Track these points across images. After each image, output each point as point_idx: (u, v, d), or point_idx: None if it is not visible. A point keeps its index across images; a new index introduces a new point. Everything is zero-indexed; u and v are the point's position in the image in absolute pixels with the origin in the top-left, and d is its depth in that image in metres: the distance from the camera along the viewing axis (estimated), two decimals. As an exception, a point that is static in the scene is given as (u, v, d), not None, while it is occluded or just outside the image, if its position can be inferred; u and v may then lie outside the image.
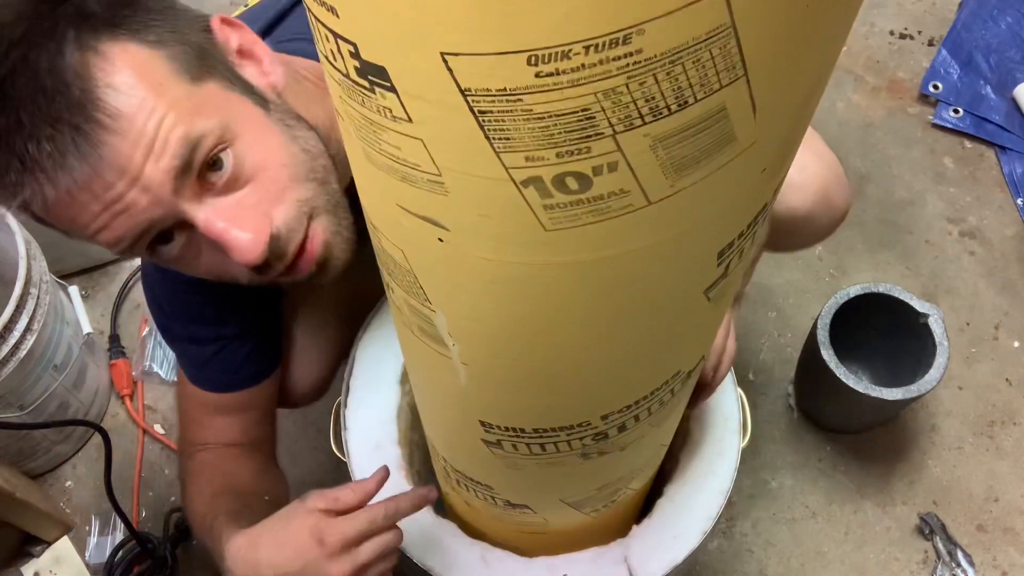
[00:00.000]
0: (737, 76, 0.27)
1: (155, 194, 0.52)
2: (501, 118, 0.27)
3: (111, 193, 0.51)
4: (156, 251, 0.58)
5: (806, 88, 0.32)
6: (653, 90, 0.26)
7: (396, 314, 0.49)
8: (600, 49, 0.25)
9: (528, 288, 0.36)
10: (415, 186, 0.33)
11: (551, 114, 0.27)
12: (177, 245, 0.58)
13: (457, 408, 0.53)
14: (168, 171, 0.52)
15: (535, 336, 0.40)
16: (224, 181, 0.56)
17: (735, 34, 0.26)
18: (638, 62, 0.25)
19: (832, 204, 0.85)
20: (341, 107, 0.33)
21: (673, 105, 0.27)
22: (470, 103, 0.27)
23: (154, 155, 0.51)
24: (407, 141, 0.30)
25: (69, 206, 0.52)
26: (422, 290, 0.40)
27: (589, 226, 0.32)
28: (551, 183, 0.30)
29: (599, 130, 0.28)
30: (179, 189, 0.53)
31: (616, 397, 0.48)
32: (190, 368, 0.80)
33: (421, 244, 0.37)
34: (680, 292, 0.40)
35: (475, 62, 0.26)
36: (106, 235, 0.54)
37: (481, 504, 0.71)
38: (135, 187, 0.52)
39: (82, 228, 0.53)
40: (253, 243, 0.56)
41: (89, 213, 0.52)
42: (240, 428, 0.83)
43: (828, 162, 0.85)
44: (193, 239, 0.58)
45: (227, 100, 0.56)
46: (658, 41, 0.25)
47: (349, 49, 0.29)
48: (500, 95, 0.27)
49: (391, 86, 0.28)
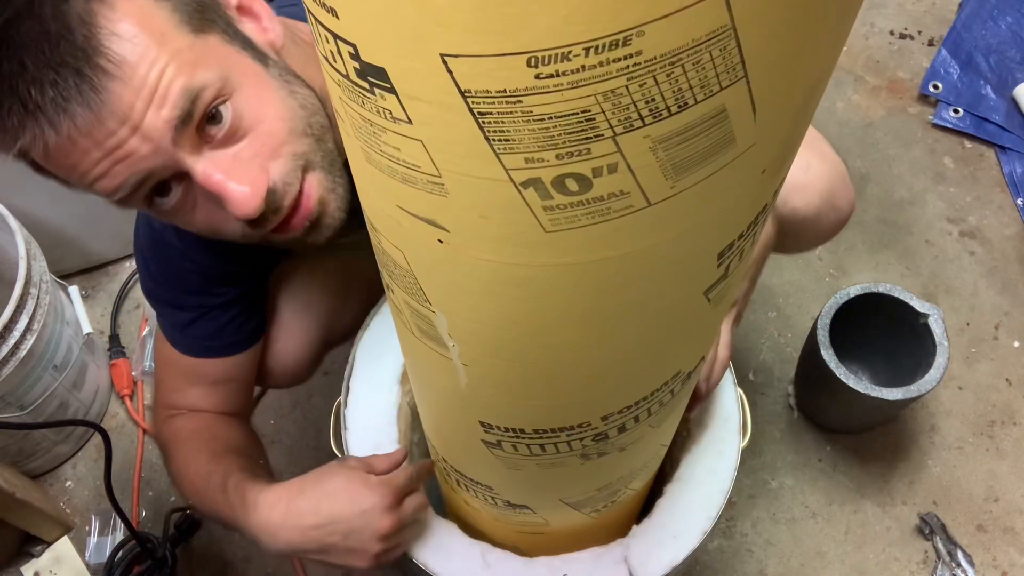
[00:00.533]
0: (737, 77, 0.27)
1: (155, 143, 0.53)
2: (501, 120, 0.27)
3: (112, 140, 0.52)
4: (153, 202, 0.59)
5: (806, 89, 0.32)
6: (653, 92, 0.26)
7: (396, 315, 0.49)
8: (600, 51, 0.25)
9: (528, 289, 0.36)
10: (415, 187, 0.33)
11: (551, 116, 0.27)
12: (174, 197, 0.59)
13: (457, 409, 0.53)
14: (169, 121, 0.52)
15: (535, 337, 0.40)
16: (223, 134, 0.56)
17: (735, 35, 0.26)
18: (638, 64, 0.25)
19: (837, 205, 0.85)
20: (341, 108, 0.33)
21: (673, 107, 0.27)
22: (470, 104, 0.27)
23: (155, 104, 0.52)
24: (407, 142, 0.30)
25: (70, 152, 0.52)
26: (422, 291, 0.41)
27: (589, 227, 0.32)
28: (551, 184, 0.30)
29: (599, 132, 0.27)
30: (178, 140, 0.54)
31: (616, 398, 0.48)
32: (170, 330, 0.81)
33: (421, 245, 0.37)
34: (680, 293, 0.40)
35: (475, 63, 0.26)
36: (105, 183, 0.54)
37: (481, 504, 0.71)
38: (136, 135, 0.52)
39: (81, 175, 0.54)
40: (250, 196, 0.57)
41: (89, 160, 0.52)
42: (216, 399, 0.83)
43: (833, 163, 0.85)
44: (189, 191, 0.59)
45: (227, 53, 0.56)
46: (658, 43, 0.25)
47: (349, 50, 0.29)
48: (500, 97, 0.27)
49: (391, 87, 0.28)
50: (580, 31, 0.24)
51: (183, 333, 0.79)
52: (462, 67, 0.26)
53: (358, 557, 0.69)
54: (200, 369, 0.81)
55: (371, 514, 0.67)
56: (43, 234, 1.19)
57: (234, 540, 1.18)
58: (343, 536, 0.67)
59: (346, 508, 0.67)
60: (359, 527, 0.67)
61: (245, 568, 1.16)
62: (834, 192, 0.83)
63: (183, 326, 0.79)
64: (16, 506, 1.05)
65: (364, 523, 0.67)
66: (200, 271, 0.76)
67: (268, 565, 1.16)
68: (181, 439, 0.80)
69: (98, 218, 1.32)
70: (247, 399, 0.88)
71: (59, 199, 1.25)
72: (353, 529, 0.67)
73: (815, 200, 0.81)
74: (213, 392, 0.83)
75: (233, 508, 0.71)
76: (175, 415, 0.82)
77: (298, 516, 0.68)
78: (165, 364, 0.83)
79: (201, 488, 0.75)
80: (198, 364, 0.81)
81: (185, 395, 0.82)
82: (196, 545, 1.17)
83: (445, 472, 0.72)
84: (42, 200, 1.23)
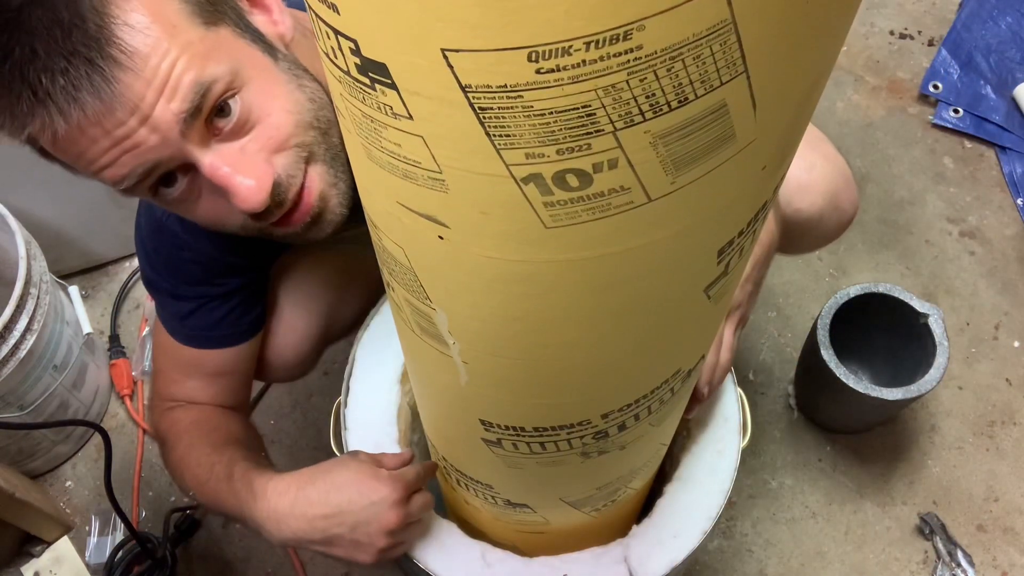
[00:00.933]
0: (737, 72, 0.27)
1: (163, 134, 0.53)
2: (502, 115, 0.27)
3: (121, 130, 0.52)
4: (158, 192, 0.59)
5: (806, 85, 0.32)
6: (653, 86, 0.26)
7: (396, 313, 0.49)
8: (601, 45, 0.25)
9: (529, 286, 0.36)
10: (415, 183, 0.33)
11: (552, 111, 0.27)
12: (179, 187, 0.59)
13: (457, 407, 0.53)
14: (178, 114, 0.53)
15: (535, 334, 0.40)
16: (230, 127, 0.56)
17: (735, 30, 0.26)
18: (639, 58, 0.25)
19: (840, 206, 0.85)
20: (341, 104, 0.33)
21: (673, 101, 0.27)
22: (471, 100, 0.27)
23: (165, 96, 0.52)
24: (407, 138, 0.30)
25: (78, 140, 0.52)
26: (423, 288, 0.41)
27: (590, 223, 0.32)
28: (551, 180, 0.30)
29: (600, 127, 0.27)
30: (186, 132, 0.54)
31: (617, 395, 0.48)
32: (169, 320, 0.80)
33: (422, 242, 0.37)
34: (681, 290, 0.40)
35: (476, 58, 0.26)
36: (112, 171, 0.54)
37: (481, 503, 0.71)
38: (145, 126, 0.52)
39: (88, 163, 0.54)
40: (256, 189, 0.57)
41: (98, 148, 0.53)
42: (214, 390, 0.83)
43: (836, 164, 0.85)
44: (194, 183, 0.59)
45: (237, 47, 0.57)
46: (659, 37, 0.25)
47: (350, 46, 0.29)
48: (501, 91, 0.26)
49: (392, 83, 0.28)
50: (581, 25, 0.24)
51: (182, 323, 0.79)
52: (463, 62, 0.26)
53: (362, 551, 0.68)
54: (198, 360, 0.81)
55: (380, 507, 0.67)
56: (43, 234, 1.19)
57: (234, 540, 1.18)
58: (350, 528, 0.67)
59: (355, 499, 0.67)
60: (366, 519, 0.67)
61: (245, 568, 1.16)
62: (837, 193, 0.83)
63: (182, 316, 0.79)
64: (16, 506, 1.05)
65: (372, 515, 0.67)
66: (201, 261, 0.76)
67: (268, 565, 1.16)
68: (180, 430, 0.80)
69: (98, 218, 1.32)
70: (246, 393, 0.88)
71: (59, 199, 1.26)
72: (360, 521, 0.67)
73: (818, 201, 0.81)
74: (211, 384, 0.82)
75: (238, 496, 0.71)
76: (173, 407, 0.82)
77: (307, 504, 0.67)
78: (164, 354, 0.83)
79: (203, 479, 0.75)
80: (197, 355, 0.80)
81: (183, 387, 0.82)
82: (196, 545, 1.17)
83: (445, 471, 0.72)
84: (42, 200, 1.23)
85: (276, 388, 1.30)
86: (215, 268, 0.77)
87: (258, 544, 1.17)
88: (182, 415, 0.81)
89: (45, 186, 1.21)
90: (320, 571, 1.15)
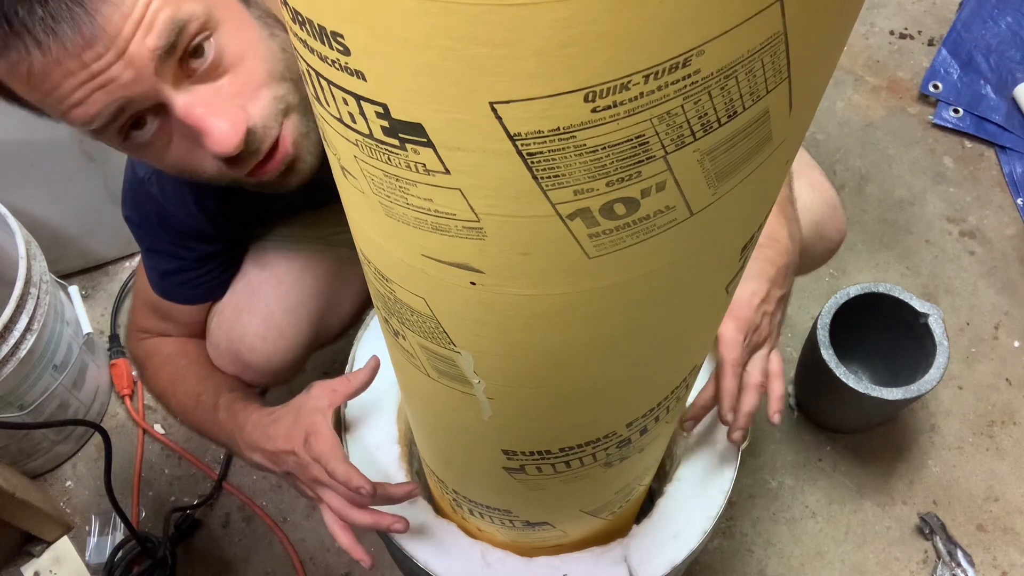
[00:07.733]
0: (782, 79, 0.27)
1: (138, 70, 0.53)
2: (551, 157, 0.26)
3: (98, 64, 0.51)
4: (128, 136, 0.58)
5: (828, 78, 0.32)
6: (706, 107, 0.26)
7: (406, 360, 0.46)
8: (660, 75, 0.24)
9: (566, 316, 0.35)
10: (446, 235, 0.31)
11: (604, 146, 0.26)
12: (149, 130, 0.58)
13: (477, 442, 0.52)
14: (154, 49, 0.52)
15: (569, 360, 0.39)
16: (204, 68, 0.56)
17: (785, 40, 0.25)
18: (695, 82, 0.24)
19: (825, 235, 0.86)
20: (353, 167, 0.31)
21: (724, 118, 0.26)
22: (519, 147, 0.26)
23: (142, 31, 0.51)
24: (442, 192, 0.29)
25: (51, 75, 0.51)
26: (446, 334, 0.39)
27: (633, 247, 0.31)
28: (598, 212, 0.29)
29: (651, 154, 0.26)
30: (160, 70, 0.54)
31: (641, 403, 0.48)
32: (148, 270, 0.85)
33: (448, 291, 0.35)
34: (708, 291, 0.39)
35: (527, 107, 0.24)
36: (82, 110, 0.53)
37: (497, 528, 0.70)
38: (120, 60, 0.52)
39: (59, 100, 0.53)
40: (231, 132, 0.56)
41: (71, 83, 0.52)
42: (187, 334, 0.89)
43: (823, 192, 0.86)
44: (165, 126, 0.58)
45: None
46: (717, 59, 0.24)
47: (377, 110, 0.27)
48: (552, 135, 0.25)
49: (427, 141, 0.27)
50: (641, 60, 0.23)
51: (160, 278, 0.84)
52: (513, 112, 0.25)
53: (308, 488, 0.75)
54: (172, 309, 0.86)
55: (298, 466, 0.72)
56: (43, 234, 1.19)
57: (234, 540, 1.18)
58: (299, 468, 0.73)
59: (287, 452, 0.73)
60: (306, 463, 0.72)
61: (245, 568, 1.16)
62: (823, 223, 0.84)
63: (160, 272, 0.83)
64: (16, 506, 1.05)
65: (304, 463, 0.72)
66: (173, 226, 0.79)
67: (268, 565, 1.16)
68: (164, 358, 0.85)
69: (98, 218, 1.32)
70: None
71: (59, 199, 1.26)
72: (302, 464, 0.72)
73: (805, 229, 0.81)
74: (184, 330, 0.88)
75: (222, 426, 0.79)
76: (151, 336, 0.87)
77: (266, 440, 0.75)
78: (141, 295, 0.87)
79: (190, 407, 0.81)
80: (170, 305, 0.85)
81: (158, 325, 0.87)
82: (196, 545, 1.17)
83: (454, 503, 0.70)
84: (42, 200, 1.23)
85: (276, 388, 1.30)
86: (191, 234, 0.80)
87: (258, 544, 1.17)
88: (163, 345, 0.86)
89: (45, 186, 1.21)
90: (320, 571, 1.15)
